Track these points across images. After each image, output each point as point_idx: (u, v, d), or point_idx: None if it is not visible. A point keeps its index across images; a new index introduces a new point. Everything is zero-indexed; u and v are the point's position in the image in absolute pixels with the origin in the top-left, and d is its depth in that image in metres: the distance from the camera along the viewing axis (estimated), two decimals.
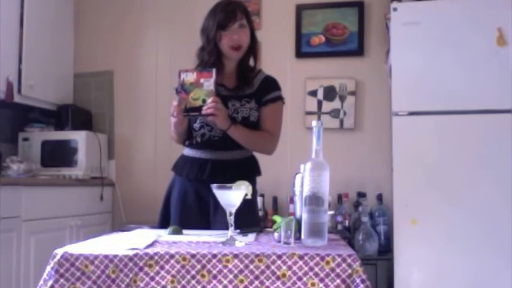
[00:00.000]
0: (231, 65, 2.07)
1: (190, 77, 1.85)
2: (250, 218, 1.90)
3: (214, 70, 1.85)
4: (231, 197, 1.48)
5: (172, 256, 1.29)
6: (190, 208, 2.03)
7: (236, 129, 1.95)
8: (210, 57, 2.00)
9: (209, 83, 1.84)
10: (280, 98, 2.10)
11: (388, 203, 3.21)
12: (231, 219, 1.48)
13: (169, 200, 2.11)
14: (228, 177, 1.76)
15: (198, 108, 1.85)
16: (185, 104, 1.86)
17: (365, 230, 3.07)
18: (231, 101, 2.00)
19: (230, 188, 1.48)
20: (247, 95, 2.03)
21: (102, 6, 3.94)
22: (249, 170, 2.05)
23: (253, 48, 2.09)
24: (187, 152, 2.10)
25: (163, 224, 2.06)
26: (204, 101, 1.84)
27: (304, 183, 1.46)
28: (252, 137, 2.02)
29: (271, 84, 2.10)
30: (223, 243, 1.43)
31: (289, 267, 1.27)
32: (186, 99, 1.85)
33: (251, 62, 2.11)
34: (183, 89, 1.86)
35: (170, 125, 2.01)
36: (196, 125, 2.02)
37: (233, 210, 1.48)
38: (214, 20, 1.99)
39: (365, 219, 3.10)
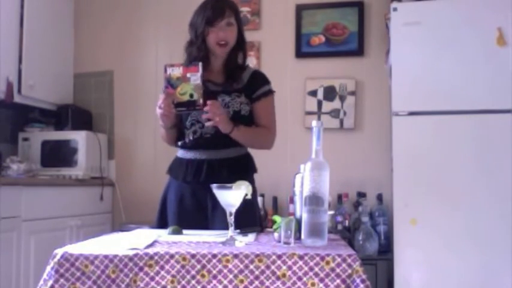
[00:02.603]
0: (218, 62, 2.06)
1: (176, 72, 1.82)
2: (250, 218, 1.89)
3: (200, 64, 1.83)
4: (231, 197, 1.48)
5: (172, 256, 1.29)
6: (188, 212, 2.01)
7: (239, 131, 1.94)
8: (198, 52, 2.00)
9: (196, 77, 1.81)
10: (271, 92, 2.10)
11: (388, 203, 3.21)
12: (231, 219, 1.48)
13: (166, 204, 2.08)
14: (225, 177, 1.75)
15: (186, 103, 1.82)
16: (173, 99, 1.82)
17: (365, 230, 3.07)
18: (221, 96, 2.00)
19: (230, 188, 1.47)
20: (236, 89, 2.02)
21: (102, 6, 3.94)
22: (245, 168, 2.04)
23: (241, 46, 2.08)
24: (181, 153, 2.08)
25: (160, 228, 2.04)
26: (191, 95, 1.81)
27: (304, 183, 1.46)
28: (253, 136, 2.03)
29: (260, 79, 2.09)
30: (223, 243, 1.43)
31: (289, 267, 1.27)
32: (173, 94, 1.82)
33: (240, 60, 2.10)
34: (169, 84, 1.82)
35: (159, 120, 1.97)
36: (188, 123, 2.01)
37: (233, 210, 1.48)
38: (203, 16, 2.00)
39: (365, 219, 3.10)
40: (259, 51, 3.63)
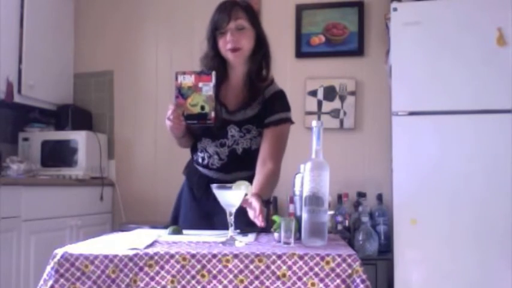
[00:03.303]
0: (237, 75, 1.92)
1: (188, 80, 1.69)
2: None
3: (214, 73, 1.69)
4: (231, 197, 1.48)
5: (172, 256, 1.29)
6: (201, 216, 1.96)
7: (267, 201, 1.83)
8: (213, 63, 1.87)
9: (208, 87, 1.68)
10: (285, 121, 1.92)
11: (388, 203, 3.21)
12: (231, 219, 1.48)
13: (180, 203, 2.05)
14: None
15: (197, 116, 1.70)
16: (182, 111, 1.71)
17: (365, 230, 3.07)
18: (230, 129, 1.88)
19: (230, 188, 1.47)
20: (248, 119, 1.88)
21: (102, 6, 3.94)
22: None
23: (263, 54, 1.90)
24: (195, 162, 2.02)
25: (174, 224, 2.02)
26: (202, 107, 1.68)
27: (304, 183, 1.46)
28: (272, 189, 1.90)
29: (276, 104, 1.91)
30: (223, 243, 1.43)
31: (289, 267, 1.27)
32: (184, 105, 1.70)
33: (264, 72, 1.91)
34: (180, 93, 1.70)
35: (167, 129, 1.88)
36: (198, 144, 1.95)
37: (233, 210, 1.48)
38: (211, 22, 1.87)
39: (365, 219, 3.09)
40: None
